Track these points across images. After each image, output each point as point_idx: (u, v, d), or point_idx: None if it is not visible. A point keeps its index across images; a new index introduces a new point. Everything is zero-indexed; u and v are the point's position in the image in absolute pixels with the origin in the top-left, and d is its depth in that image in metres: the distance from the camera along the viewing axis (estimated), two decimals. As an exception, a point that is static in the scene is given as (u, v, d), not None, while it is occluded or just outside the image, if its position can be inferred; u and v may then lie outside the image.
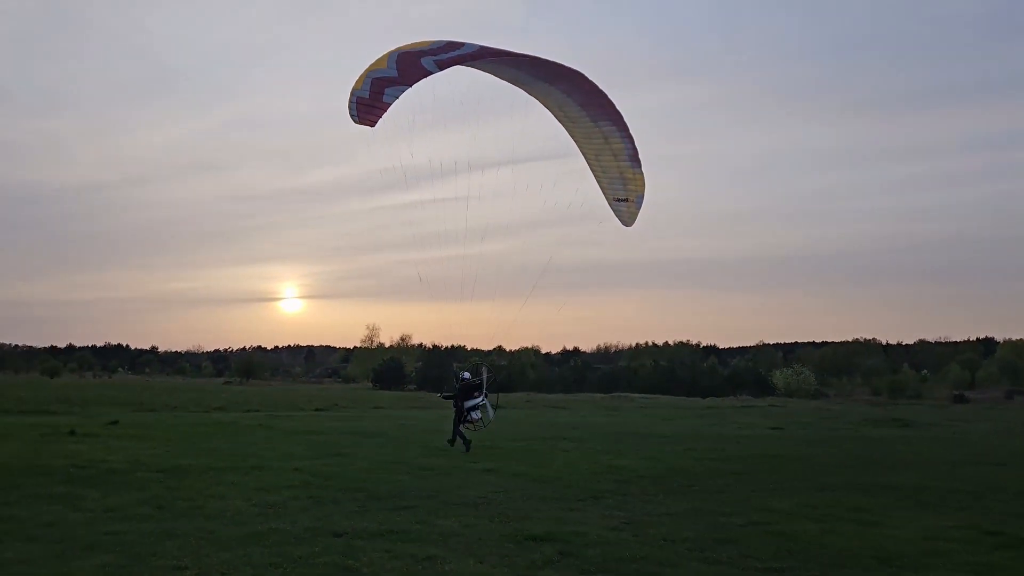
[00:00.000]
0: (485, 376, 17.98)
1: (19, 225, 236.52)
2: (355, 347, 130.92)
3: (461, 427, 17.78)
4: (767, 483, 14.46)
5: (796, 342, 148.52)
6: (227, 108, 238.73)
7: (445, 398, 19.24)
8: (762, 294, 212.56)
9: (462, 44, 12.04)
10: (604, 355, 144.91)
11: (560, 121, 14.44)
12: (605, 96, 13.57)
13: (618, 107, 13.69)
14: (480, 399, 17.64)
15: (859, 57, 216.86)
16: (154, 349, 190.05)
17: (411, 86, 11.26)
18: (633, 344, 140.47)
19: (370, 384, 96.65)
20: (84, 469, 13.03)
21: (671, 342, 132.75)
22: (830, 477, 15.55)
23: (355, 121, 11.44)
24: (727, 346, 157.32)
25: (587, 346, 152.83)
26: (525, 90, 14.11)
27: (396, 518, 10.02)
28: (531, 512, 10.77)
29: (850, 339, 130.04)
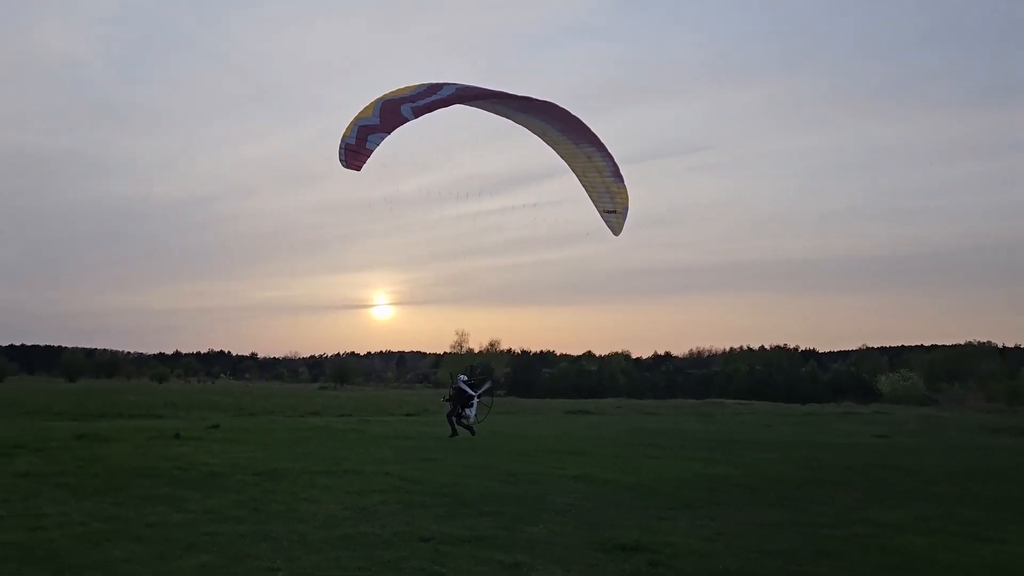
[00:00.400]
0: (482, 386, 21.11)
1: (130, 238, 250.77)
2: (445, 352, 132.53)
3: (457, 422, 21.48)
4: (870, 494, 13.76)
5: (903, 345, 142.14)
6: (318, 121, 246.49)
7: (445, 400, 22.30)
8: (865, 295, 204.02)
9: (441, 87, 13.17)
10: (697, 360, 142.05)
11: (546, 143, 15.62)
12: (581, 122, 14.54)
13: (598, 132, 14.69)
14: (473, 403, 20.72)
15: (982, 43, 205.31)
16: (254, 355, 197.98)
17: (390, 133, 12.54)
18: (727, 348, 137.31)
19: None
20: (186, 471, 13.54)
21: (767, 346, 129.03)
22: (940, 488, 14.68)
23: (343, 166, 12.68)
24: (827, 350, 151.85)
25: (679, 351, 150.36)
26: (510, 119, 15.30)
27: (483, 524, 9.99)
28: (620, 520, 10.56)
29: (962, 342, 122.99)
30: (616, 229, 16.31)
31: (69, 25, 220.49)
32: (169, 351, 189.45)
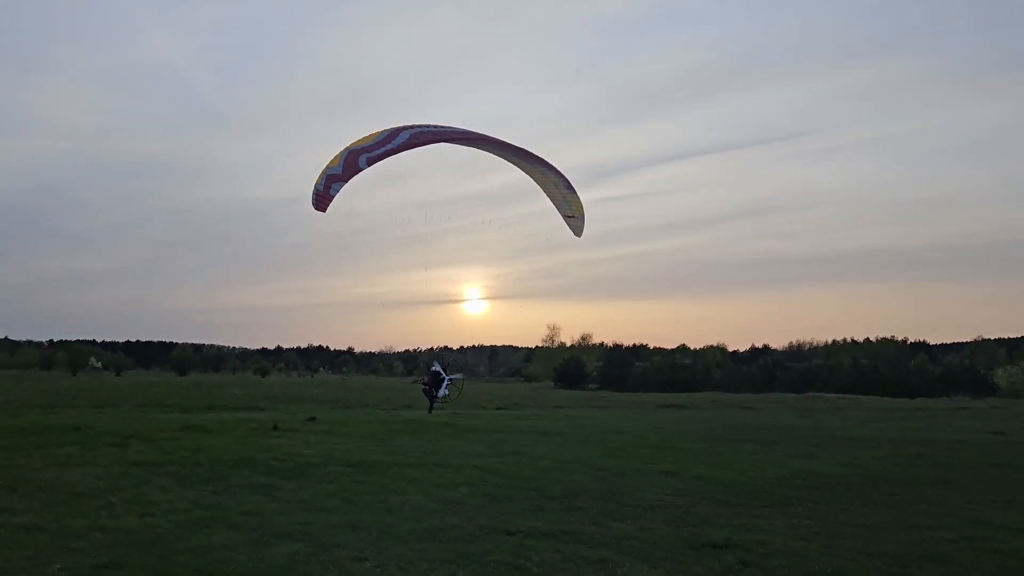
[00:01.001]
0: (448, 371, 24.08)
1: (236, 238, 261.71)
2: (537, 346, 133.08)
3: (433, 402, 25.34)
4: (985, 494, 12.92)
5: (1023, 337, 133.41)
6: (408, 119, 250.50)
7: (421, 383, 25.56)
8: (981, 284, 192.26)
9: (398, 132, 15.33)
10: (796, 353, 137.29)
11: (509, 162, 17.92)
12: (527, 150, 17.13)
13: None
14: (445, 384, 23.52)
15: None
16: (351, 350, 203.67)
17: (348, 181, 15.00)
18: (829, 341, 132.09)
19: (551, 383, 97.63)
20: (283, 462, 13.98)
21: (872, 338, 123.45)
22: (1063, 489, 13.65)
23: (313, 207, 15.08)
24: (939, 342, 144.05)
25: (778, 343, 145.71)
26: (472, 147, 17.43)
27: (569, 519, 9.90)
28: (711, 517, 10.26)
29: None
30: (577, 231, 18.71)
31: (172, 36, 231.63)
32: (271, 346, 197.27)
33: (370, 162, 14.90)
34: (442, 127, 15.89)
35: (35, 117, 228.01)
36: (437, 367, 24.25)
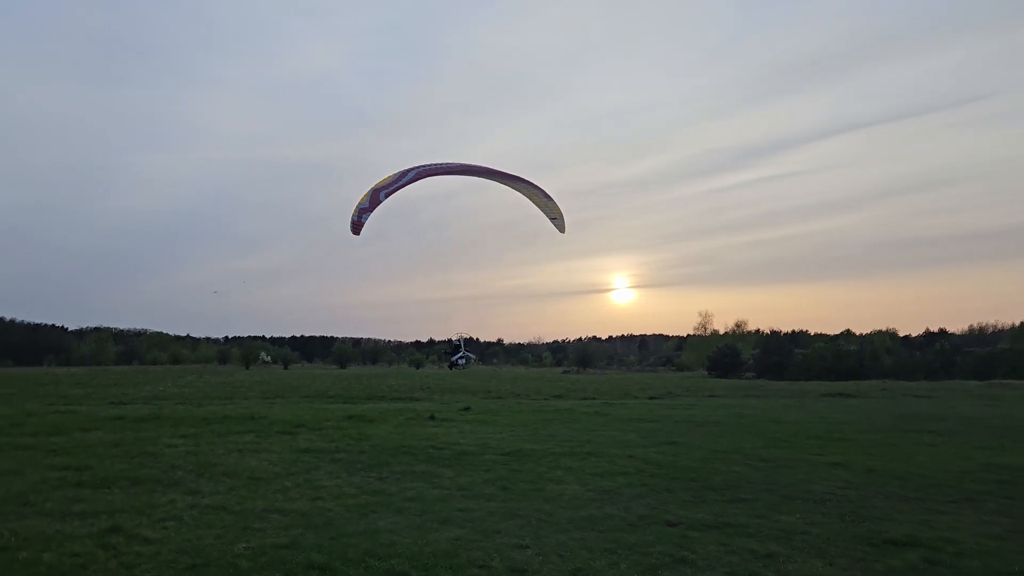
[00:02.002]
0: (463, 346, 27.45)
1: (385, 235, 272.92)
2: (688, 335, 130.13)
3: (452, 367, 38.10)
4: None
5: None
6: (553, 109, 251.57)
7: (448, 355, 31.54)
8: None
9: (407, 172, 20.06)
10: (978, 337, 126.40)
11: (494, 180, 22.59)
12: (509, 172, 22.52)
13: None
14: (460, 355, 26.96)
15: None
16: (500, 341, 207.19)
17: (373, 211, 19.69)
18: (1016, 323, 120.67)
19: (704, 372, 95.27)
20: (441, 450, 14.34)
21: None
22: None
23: (351, 232, 19.62)
24: None
25: (956, 327, 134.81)
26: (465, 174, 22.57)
27: (732, 510, 9.51)
28: (889, 512, 9.55)
29: None
30: (561, 229, 23.35)
31: (323, 45, 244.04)
32: (424, 339, 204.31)
33: (387, 195, 19.87)
34: (440, 164, 21.22)
35: (202, 129, 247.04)
36: (460, 346, 29.89)
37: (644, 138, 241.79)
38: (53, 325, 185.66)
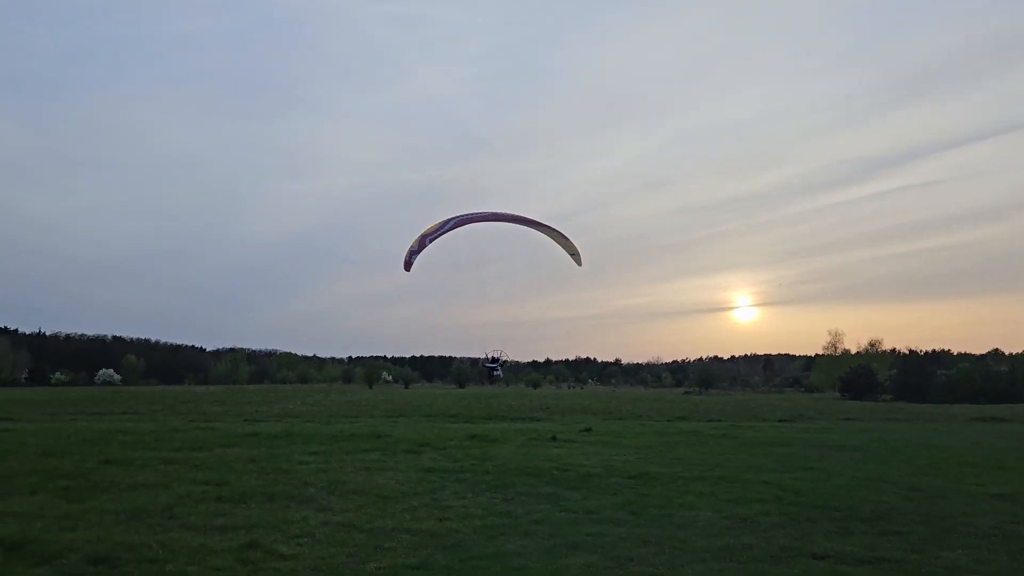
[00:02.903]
0: (500, 360, 28.68)
1: (507, 255, 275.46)
2: (816, 355, 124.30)
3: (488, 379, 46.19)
4: None
5: None
6: (668, 125, 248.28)
7: (486, 366, 30.02)
8: None
9: (447, 221, 23.39)
10: None
11: (514, 223, 25.19)
12: (530, 218, 25.26)
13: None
14: (497, 367, 28.49)
15: None
16: (618, 361, 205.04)
17: (420, 253, 22.68)
18: None
19: (836, 394, 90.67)
20: (565, 472, 14.07)
21: None
22: None
23: (404, 269, 22.59)
24: None
25: None
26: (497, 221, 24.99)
27: (885, 544, 8.77)
28: (1071, 552, 8.55)
29: None
30: (579, 262, 25.76)
31: (440, 72, 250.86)
32: (541, 359, 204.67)
33: (431, 240, 23.14)
34: (475, 213, 24.25)
35: (330, 158, 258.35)
36: (494, 359, 30.77)
37: (765, 151, 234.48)
38: (193, 346, 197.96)
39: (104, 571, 7.00)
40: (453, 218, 23.49)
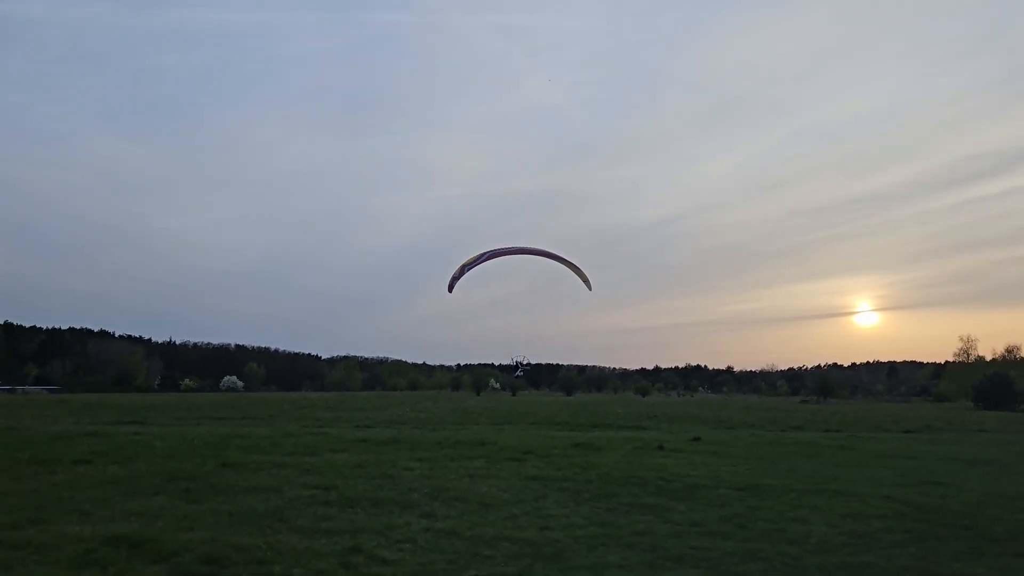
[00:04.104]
0: (525, 364, 43.33)
1: (611, 262, 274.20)
2: (947, 362, 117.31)
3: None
4: None
5: None
6: (784, 124, 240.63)
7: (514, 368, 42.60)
8: None
9: (483, 254, 28.03)
10: None
11: (536, 256, 29.53)
12: (553, 252, 29.97)
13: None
14: (520, 371, 46.43)
15: None
16: (730, 369, 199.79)
17: (459, 279, 27.80)
18: None
19: (969, 403, 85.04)
20: (671, 482, 13.70)
21: None
22: None
23: (448, 291, 28.55)
24: None
25: None
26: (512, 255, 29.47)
27: (1019, 566, 8.13)
28: None
29: None
30: (590, 287, 30.22)
31: (546, 78, 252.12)
32: (650, 366, 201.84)
33: (468, 269, 27.79)
34: (506, 248, 28.41)
35: (435, 169, 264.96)
36: (518, 363, 36.79)
37: (889, 147, 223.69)
38: (309, 354, 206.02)
39: (215, 571, 7.27)
40: (488, 251, 28.51)
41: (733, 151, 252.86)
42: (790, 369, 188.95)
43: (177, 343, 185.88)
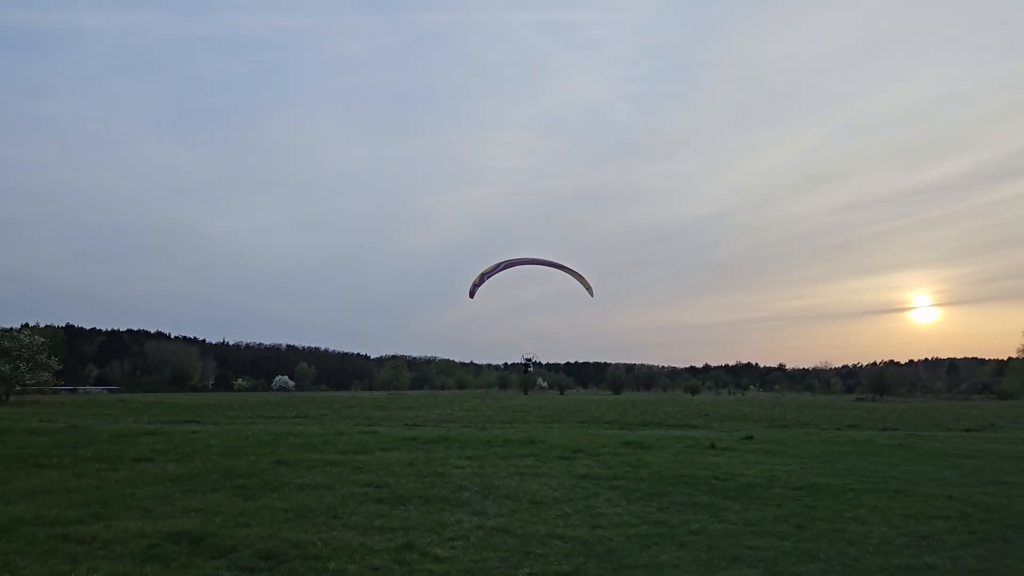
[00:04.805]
0: (533, 361, 38.06)
1: (659, 259, 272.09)
2: (1010, 358, 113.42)
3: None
4: None
5: None
6: (836, 115, 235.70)
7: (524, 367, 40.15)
8: None
9: (500, 264, 30.18)
10: None
11: (547, 266, 31.47)
12: (561, 263, 31.57)
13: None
14: (530, 366, 38.55)
15: None
16: (782, 367, 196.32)
17: (480, 287, 29.80)
18: None
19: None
20: (724, 481, 13.50)
21: None
22: None
23: (469, 297, 30.09)
24: None
25: None
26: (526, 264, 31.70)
27: (1098, 570, 7.74)
28: None
29: None
30: (592, 294, 31.79)
31: (592, 75, 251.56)
32: (699, 364, 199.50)
33: (488, 278, 29.92)
34: (519, 259, 30.78)
35: (484, 168, 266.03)
36: (528, 360, 38.69)
37: (946, 138, 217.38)
38: (358, 354, 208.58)
39: (272, 566, 7.38)
40: (504, 261, 30.97)
41: (783, 144, 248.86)
42: (844, 366, 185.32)
43: (230, 344, 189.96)
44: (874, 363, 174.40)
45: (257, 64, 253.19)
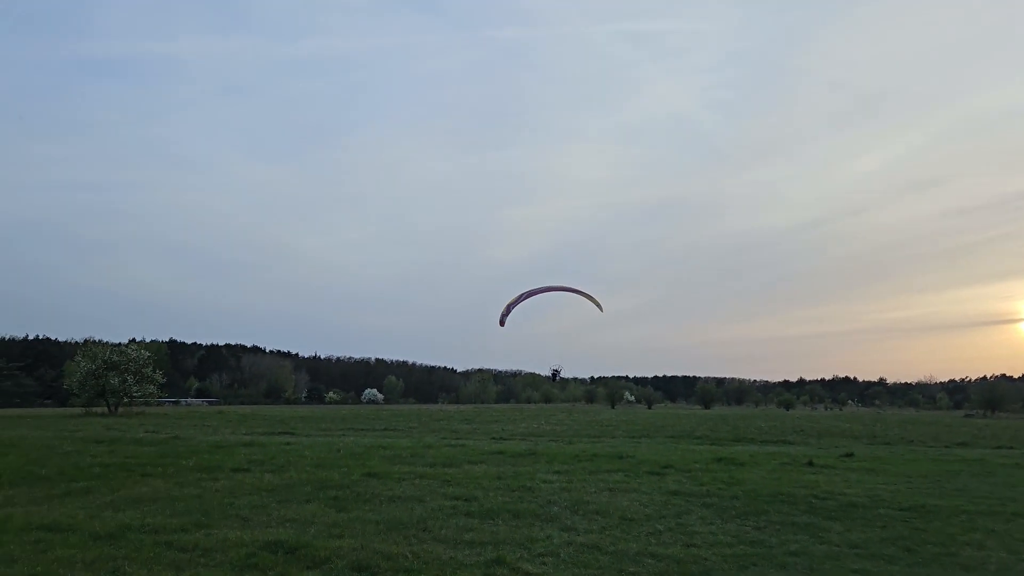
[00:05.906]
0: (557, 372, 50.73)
1: (748, 270, 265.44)
2: None
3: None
4: None
5: None
6: (937, 117, 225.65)
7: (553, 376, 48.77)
8: None
9: (523, 294, 37.68)
10: None
11: (563, 291, 38.84)
12: (576, 288, 39.41)
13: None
14: (556, 377, 49.49)
15: None
16: (882, 381, 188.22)
17: (509, 315, 37.84)
18: None
19: None
20: (824, 500, 12.93)
21: None
22: None
23: (500, 325, 38.62)
24: None
25: None
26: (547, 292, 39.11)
27: None
28: None
29: None
30: (600, 308, 38.58)
31: (675, 84, 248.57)
32: (793, 378, 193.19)
33: (513, 308, 34.37)
34: (540, 288, 34.71)
35: (568, 180, 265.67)
36: (555, 372, 41.69)
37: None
38: (445, 367, 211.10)
39: (365, 578, 7.44)
40: (527, 291, 35.59)
41: (877, 149, 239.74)
42: (951, 381, 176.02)
43: (322, 357, 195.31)
44: (984, 377, 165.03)
45: (345, 84, 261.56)
